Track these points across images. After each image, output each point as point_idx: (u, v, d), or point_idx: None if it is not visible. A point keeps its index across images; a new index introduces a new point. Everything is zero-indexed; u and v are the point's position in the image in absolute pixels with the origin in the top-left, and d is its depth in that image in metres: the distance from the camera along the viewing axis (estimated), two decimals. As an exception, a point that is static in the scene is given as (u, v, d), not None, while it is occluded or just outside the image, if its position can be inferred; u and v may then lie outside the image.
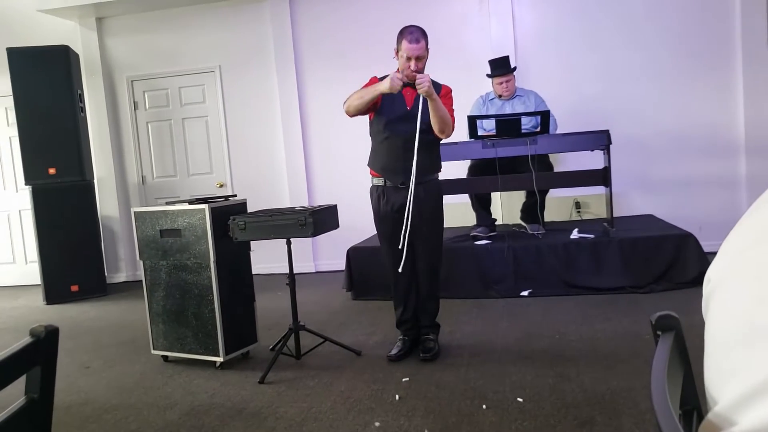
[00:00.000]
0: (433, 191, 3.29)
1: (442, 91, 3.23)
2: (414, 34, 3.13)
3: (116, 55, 6.52)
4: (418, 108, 3.11)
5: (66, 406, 3.00)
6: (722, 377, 0.53)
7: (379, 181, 3.31)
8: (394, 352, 3.34)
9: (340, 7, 6.01)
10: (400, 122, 3.19)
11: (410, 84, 3.12)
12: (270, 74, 6.20)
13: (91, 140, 6.28)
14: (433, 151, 3.29)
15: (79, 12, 6.23)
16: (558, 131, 4.88)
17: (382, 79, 3.13)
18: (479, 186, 4.87)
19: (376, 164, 3.32)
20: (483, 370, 3.03)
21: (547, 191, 5.04)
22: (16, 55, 5.65)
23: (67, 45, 5.87)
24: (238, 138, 6.36)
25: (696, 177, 5.54)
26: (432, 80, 3.08)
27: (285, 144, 6.20)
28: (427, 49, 3.15)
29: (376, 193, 3.32)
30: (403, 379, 2.99)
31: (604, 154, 4.55)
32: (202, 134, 6.46)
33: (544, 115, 4.59)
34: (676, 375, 0.71)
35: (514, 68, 4.92)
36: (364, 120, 3.42)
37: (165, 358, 3.58)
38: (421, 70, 3.13)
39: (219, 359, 3.35)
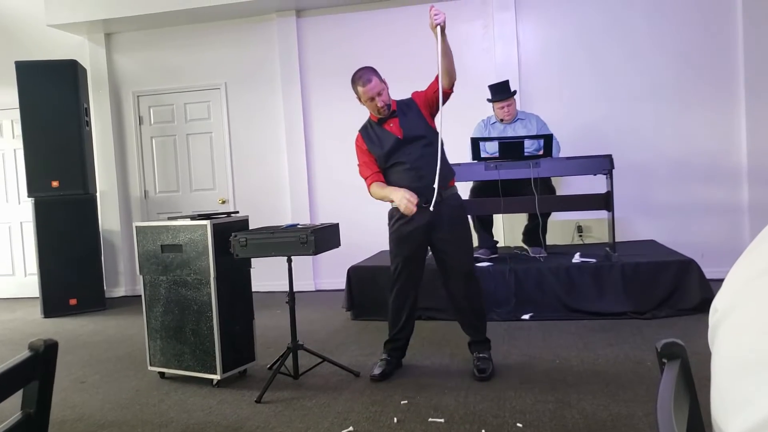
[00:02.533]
0: (455, 204, 3.28)
1: (412, 96, 3.33)
2: (363, 77, 3.21)
3: (123, 70, 6.58)
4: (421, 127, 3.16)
5: (60, 422, 2.96)
6: (730, 408, 0.52)
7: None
8: (377, 372, 3.32)
9: (347, 28, 6.08)
10: (396, 151, 3.23)
11: (389, 116, 3.24)
12: (275, 93, 6.24)
13: (95, 154, 6.31)
14: (443, 162, 3.24)
15: (88, 27, 6.31)
16: (560, 155, 4.89)
17: (372, 145, 3.28)
18: (481, 208, 4.87)
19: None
20: (483, 394, 3.00)
21: (549, 214, 5.04)
22: (24, 69, 5.71)
23: (75, 59, 5.93)
24: (241, 155, 6.38)
25: (698, 203, 5.54)
26: (397, 100, 3.24)
27: (288, 162, 6.22)
28: (382, 81, 3.20)
29: (398, 215, 3.28)
30: (402, 402, 2.96)
31: (606, 178, 4.56)
32: (205, 150, 6.49)
33: (547, 139, 4.60)
34: (682, 404, 0.70)
35: (514, 92, 4.95)
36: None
37: (162, 374, 3.55)
38: (388, 101, 3.22)
39: (216, 377, 3.32)
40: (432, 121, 3.25)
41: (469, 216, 5.01)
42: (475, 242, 5.07)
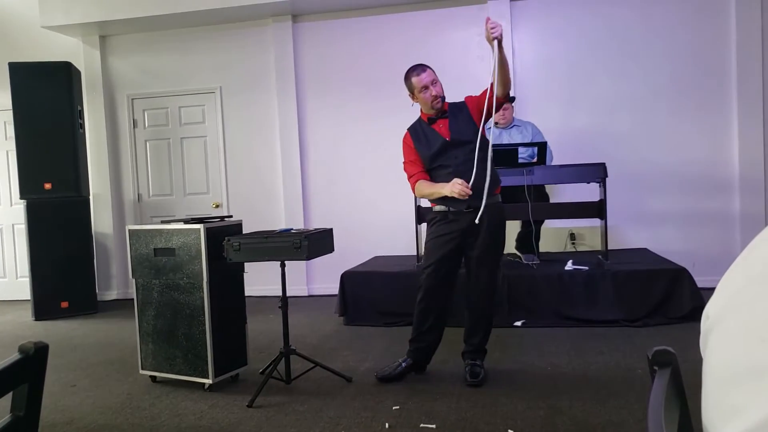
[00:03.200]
0: (495, 213, 3.25)
1: (465, 101, 3.31)
2: (416, 69, 3.24)
3: (118, 72, 6.56)
4: (460, 131, 3.16)
5: (50, 425, 2.94)
6: (722, 415, 0.52)
7: (442, 208, 3.27)
8: (382, 372, 3.33)
9: (343, 34, 6.09)
10: (443, 154, 3.21)
11: (439, 116, 3.23)
12: (270, 97, 6.24)
13: (88, 156, 6.28)
14: (489, 169, 3.22)
15: (83, 30, 6.29)
16: (554, 162, 4.92)
17: (419, 144, 3.27)
18: (475, 214, 4.87)
19: (437, 198, 3.28)
20: (474, 401, 3.00)
21: (542, 222, 5.05)
22: (17, 70, 5.69)
23: (69, 61, 5.91)
24: (235, 159, 6.37)
25: (690, 212, 5.57)
26: (450, 102, 3.21)
27: (283, 167, 6.21)
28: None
29: (439, 217, 3.28)
30: (394, 407, 2.95)
31: (600, 186, 4.58)
32: (200, 154, 6.48)
33: (542, 146, 4.62)
34: (672, 411, 0.71)
35: (513, 98, 4.97)
36: (363, 148, 3.45)
37: (153, 378, 3.53)
38: (441, 93, 3.21)
39: (208, 381, 3.31)
40: (482, 128, 3.21)
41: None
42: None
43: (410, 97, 3.30)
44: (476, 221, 3.08)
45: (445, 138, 3.22)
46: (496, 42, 2.97)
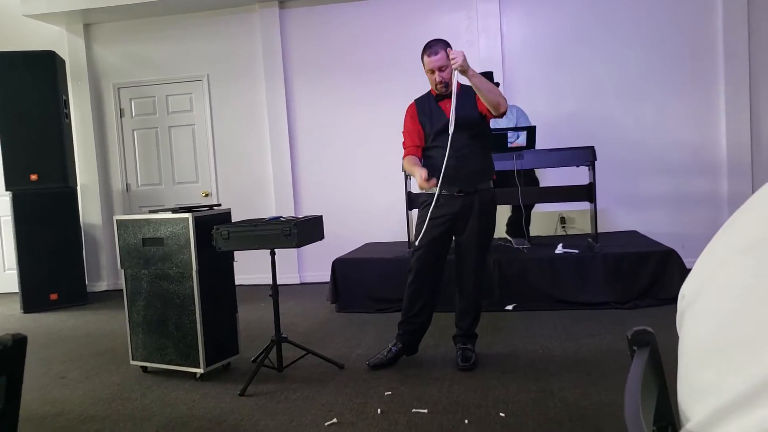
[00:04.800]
0: (486, 199, 3.26)
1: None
2: (433, 47, 3.20)
3: (103, 61, 6.48)
4: (452, 107, 3.11)
5: (39, 417, 2.93)
6: (694, 394, 0.52)
7: (434, 190, 3.24)
8: (374, 360, 3.35)
9: (330, 20, 6.03)
10: (443, 133, 3.17)
11: (446, 95, 3.20)
12: (258, 85, 6.19)
13: (75, 147, 6.21)
14: (484, 155, 3.25)
15: (67, 18, 6.20)
16: (542, 147, 4.91)
17: (424, 116, 3.26)
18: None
19: (430, 175, 3.26)
20: (466, 385, 3.01)
21: (532, 206, 5.06)
22: (0, 60, 5.60)
23: (53, 50, 5.82)
24: (224, 147, 6.33)
25: (679, 195, 5.60)
26: (463, 84, 3.16)
27: (272, 154, 6.18)
28: (449, 57, 3.11)
29: (428, 200, 3.26)
30: (386, 393, 2.96)
31: (589, 170, 4.58)
32: (188, 143, 6.42)
33: (531, 131, 4.61)
34: (650, 391, 0.71)
35: (497, 84, 4.95)
36: (353, 135, 3.43)
37: (144, 368, 3.52)
38: (447, 79, 3.18)
39: (199, 371, 3.30)
40: (486, 115, 3.20)
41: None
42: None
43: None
44: (432, 205, 3.12)
45: (448, 118, 3.21)
46: (456, 73, 3.03)
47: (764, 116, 5.45)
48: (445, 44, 3.20)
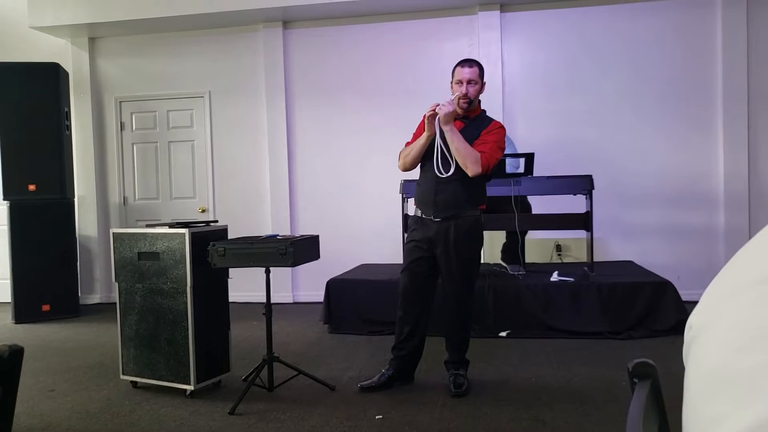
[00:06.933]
0: (464, 226, 3.21)
1: (490, 125, 3.26)
2: (470, 62, 3.27)
3: (106, 75, 6.52)
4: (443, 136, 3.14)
5: (26, 430, 2.89)
6: (702, 426, 0.52)
7: (417, 212, 3.33)
8: (366, 382, 3.32)
9: (333, 42, 6.10)
10: (442, 156, 3.18)
11: (461, 118, 3.23)
12: (259, 104, 6.23)
13: (74, 158, 6.22)
14: (469, 184, 3.21)
15: (72, 31, 6.25)
16: (538, 173, 4.94)
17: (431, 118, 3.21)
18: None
19: (415, 196, 3.38)
20: (458, 411, 2.99)
21: (526, 232, 5.07)
22: (4, 70, 5.63)
23: (57, 63, 5.86)
24: (223, 164, 6.35)
25: (675, 226, 5.62)
26: (486, 116, 3.23)
27: (270, 173, 6.19)
28: (481, 78, 3.19)
29: (412, 223, 3.34)
30: (377, 417, 2.94)
31: (586, 198, 4.61)
32: (187, 158, 6.44)
33: (529, 157, 4.65)
34: (651, 424, 0.71)
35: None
36: (352, 156, 3.44)
37: (134, 383, 3.48)
38: (473, 96, 3.21)
39: (190, 387, 3.27)
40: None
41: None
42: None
43: (450, 84, 3.31)
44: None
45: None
46: (437, 122, 3.09)
47: (762, 149, 5.50)
48: (481, 67, 3.27)
